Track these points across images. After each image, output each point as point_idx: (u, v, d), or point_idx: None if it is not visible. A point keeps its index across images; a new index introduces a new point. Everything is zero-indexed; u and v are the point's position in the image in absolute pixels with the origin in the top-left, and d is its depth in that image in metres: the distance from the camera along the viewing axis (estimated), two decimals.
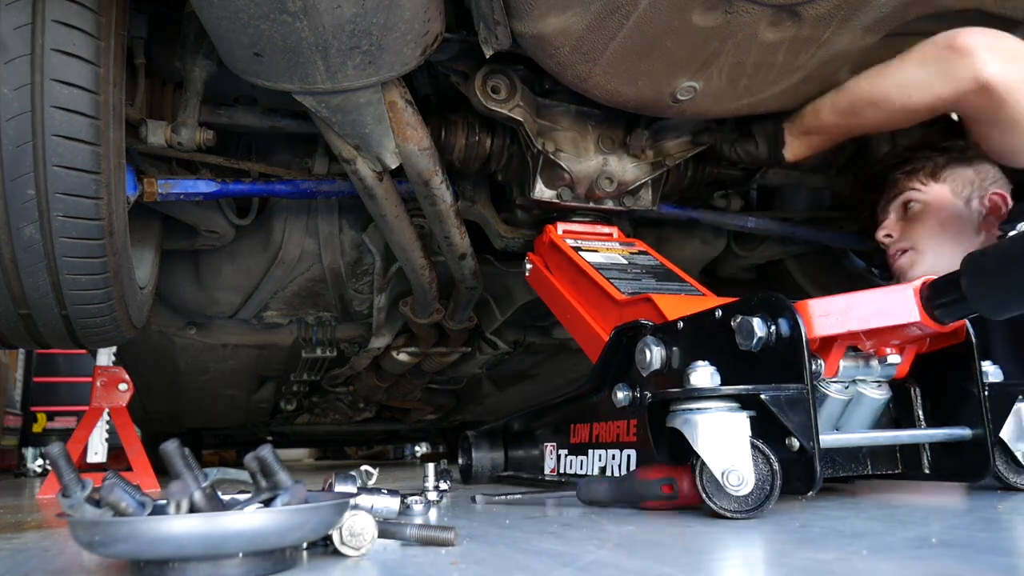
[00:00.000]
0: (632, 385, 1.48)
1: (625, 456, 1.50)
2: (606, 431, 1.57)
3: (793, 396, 1.11)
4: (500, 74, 1.76)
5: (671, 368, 1.37)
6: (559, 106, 1.88)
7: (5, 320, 1.55)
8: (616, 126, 1.94)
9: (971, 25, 1.59)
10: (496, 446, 2.04)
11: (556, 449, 1.77)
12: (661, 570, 0.78)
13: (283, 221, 2.24)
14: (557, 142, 1.89)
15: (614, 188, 1.93)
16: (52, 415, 5.82)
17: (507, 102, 1.78)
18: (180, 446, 0.87)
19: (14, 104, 1.29)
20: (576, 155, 1.90)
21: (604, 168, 1.94)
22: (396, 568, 0.86)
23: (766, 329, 1.17)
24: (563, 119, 1.90)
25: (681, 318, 1.37)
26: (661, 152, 1.99)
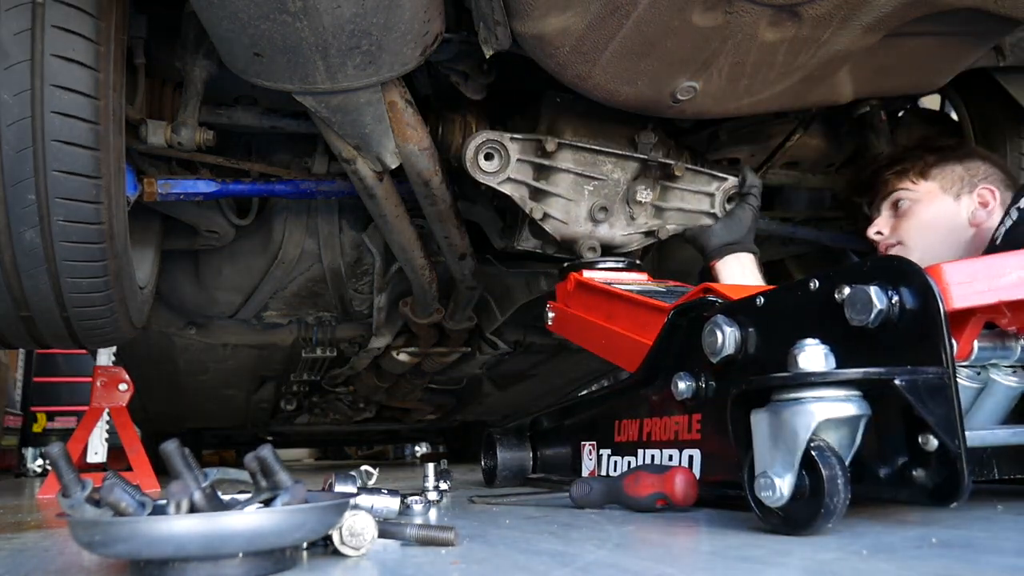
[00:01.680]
0: (696, 374, 1.30)
1: (686, 457, 1.33)
2: (661, 428, 1.41)
3: (933, 382, 0.91)
4: (495, 143, 1.75)
5: (747, 353, 1.19)
6: (559, 171, 1.82)
7: (6, 322, 1.55)
8: (615, 192, 1.87)
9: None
10: (523, 445, 1.90)
11: (596, 449, 1.62)
12: (661, 570, 0.78)
13: (283, 221, 2.24)
14: (549, 207, 1.83)
15: (597, 255, 1.89)
16: (52, 415, 5.82)
17: (497, 174, 1.76)
18: (180, 446, 0.87)
19: (14, 110, 1.29)
20: (566, 221, 1.85)
21: (592, 234, 1.88)
22: (396, 568, 0.86)
23: (887, 300, 0.97)
24: (561, 183, 1.83)
25: (761, 293, 1.18)
26: (661, 217, 1.94)
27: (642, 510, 1.25)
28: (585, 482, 1.36)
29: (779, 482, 0.93)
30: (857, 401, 0.94)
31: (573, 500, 1.37)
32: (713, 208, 1.93)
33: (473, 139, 1.74)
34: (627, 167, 1.86)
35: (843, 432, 0.95)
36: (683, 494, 1.20)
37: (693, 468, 1.30)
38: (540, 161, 1.79)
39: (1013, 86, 2.04)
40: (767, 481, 0.94)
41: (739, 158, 2.18)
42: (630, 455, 1.49)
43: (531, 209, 1.80)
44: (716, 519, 1.16)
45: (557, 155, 1.79)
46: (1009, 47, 1.89)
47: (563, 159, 1.80)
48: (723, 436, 1.22)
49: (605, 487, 1.32)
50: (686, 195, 1.92)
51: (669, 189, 1.91)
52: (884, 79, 1.77)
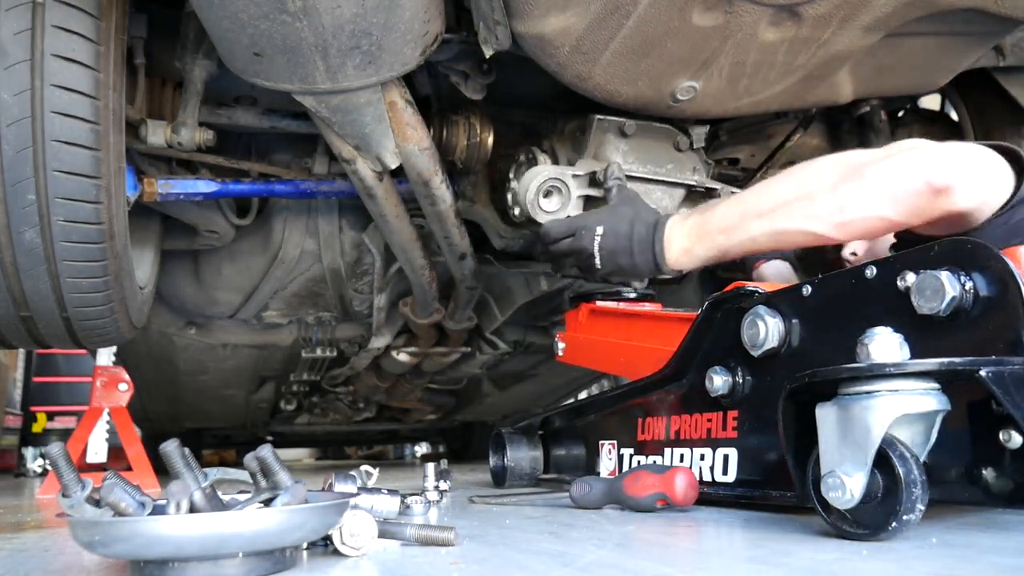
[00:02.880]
0: (731, 369, 1.24)
1: (720, 457, 1.27)
2: (691, 426, 1.35)
3: (1020, 373, 0.84)
4: (557, 181, 1.68)
5: (790, 346, 1.14)
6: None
7: (6, 322, 1.55)
8: (666, 211, 1.77)
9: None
10: (534, 444, 1.82)
11: (617, 448, 1.56)
12: (661, 570, 0.78)
13: (283, 221, 2.24)
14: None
15: (644, 283, 1.77)
16: (52, 415, 5.80)
17: (558, 213, 1.70)
18: (180, 446, 0.87)
19: (14, 110, 1.29)
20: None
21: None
22: (396, 568, 0.86)
23: (959, 286, 0.91)
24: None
25: (807, 281, 1.12)
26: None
27: (642, 510, 1.25)
28: (585, 482, 1.36)
29: (849, 482, 0.87)
30: (937, 395, 0.88)
31: (573, 500, 1.37)
32: None
33: (532, 177, 1.67)
34: (675, 194, 1.82)
35: (918, 428, 0.89)
36: (683, 494, 1.20)
37: (728, 467, 1.24)
38: (592, 192, 1.73)
39: (1013, 86, 2.04)
40: (835, 481, 0.88)
41: (739, 158, 2.18)
42: (656, 454, 1.43)
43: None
44: (716, 519, 1.16)
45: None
46: (1009, 47, 1.89)
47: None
48: (763, 434, 1.18)
49: (605, 487, 1.32)
50: None
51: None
52: (884, 79, 1.77)
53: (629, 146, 1.78)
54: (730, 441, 1.25)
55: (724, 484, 1.27)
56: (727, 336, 1.26)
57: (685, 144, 1.82)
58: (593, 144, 1.77)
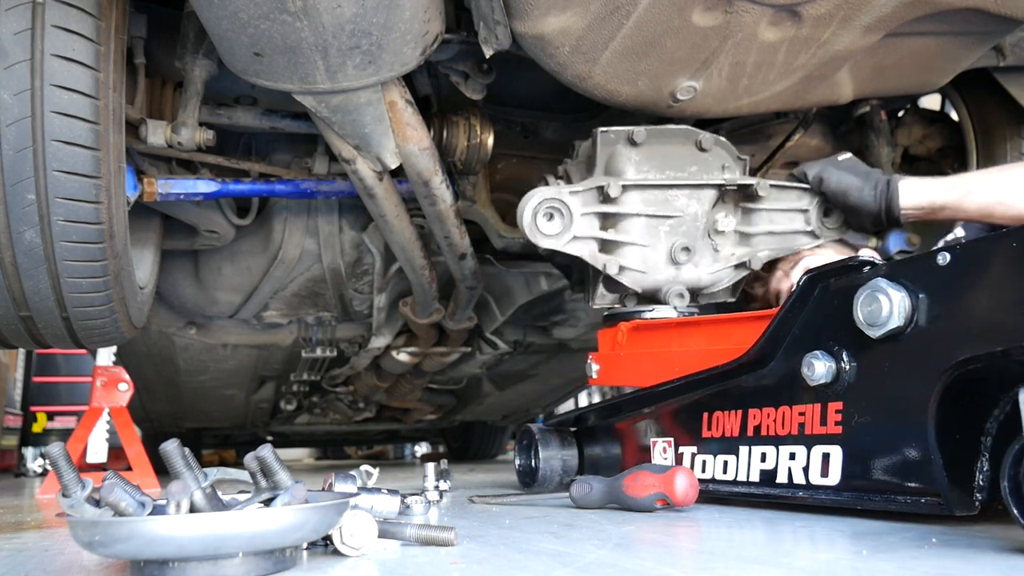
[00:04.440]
0: (835, 354, 1.10)
1: (818, 456, 1.11)
2: (777, 420, 1.20)
3: None
4: (555, 201, 1.58)
5: (916, 325, 0.99)
6: (628, 217, 1.65)
7: (6, 322, 1.55)
8: (694, 227, 1.68)
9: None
10: (568, 443, 1.69)
11: (674, 446, 1.42)
12: (661, 570, 0.78)
13: (283, 221, 2.24)
14: (623, 258, 1.65)
15: (685, 302, 1.68)
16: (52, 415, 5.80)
17: (561, 236, 1.60)
18: (180, 446, 0.87)
19: (14, 109, 1.29)
20: (644, 270, 1.66)
21: (676, 279, 1.68)
22: (396, 568, 0.86)
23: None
24: (633, 229, 1.65)
25: (944, 249, 0.97)
26: (749, 244, 1.74)
27: (642, 510, 1.25)
28: (585, 482, 1.36)
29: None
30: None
31: (573, 500, 1.37)
32: (809, 225, 1.72)
33: (527, 200, 1.58)
34: (703, 196, 1.68)
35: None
36: (683, 494, 1.20)
37: (829, 468, 1.09)
38: (605, 209, 1.63)
39: (1013, 86, 2.04)
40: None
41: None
42: (727, 453, 1.28)
43: (604, 264, 1.63)
44: (716, 519, 1.16)
45: (623, 199, 1.63)
46: (1009, 47, 1.89)
47: (630, 203, 1.64)
48: (882, 429, 1.04)
49: (605, 487, 1.32)
50: (775, 216, 1.72)
51: (753, 212, 1.72)
52: (884, 79, 1.77)
53: (642, 155, 1.66)
54: (832, 437, 1.09)
55: (823, 488, 1.11)
56: (830, 315, 1.11)
57: (709, 142, 1.70)
58: (602, 158, 1.67)
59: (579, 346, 3.13)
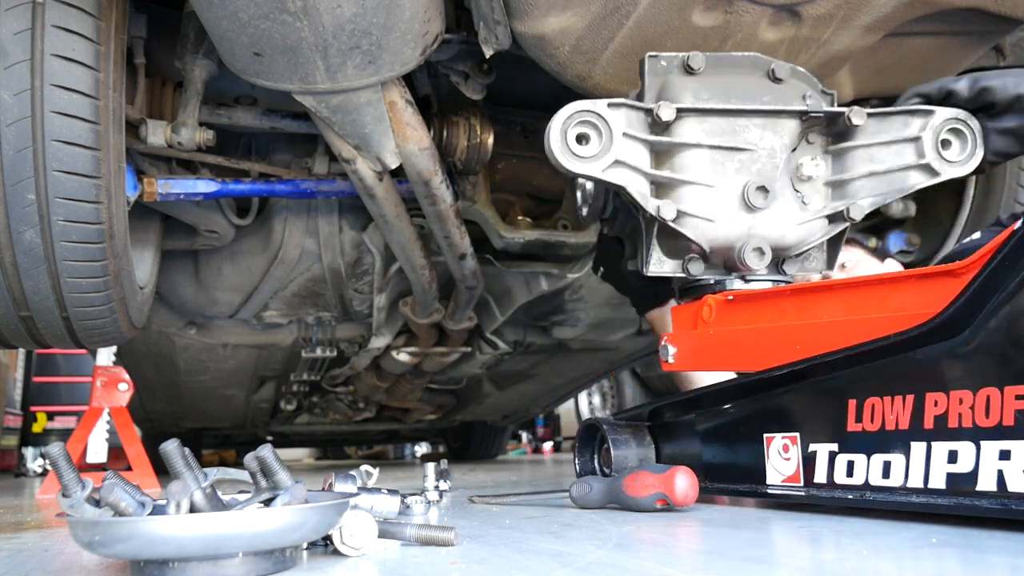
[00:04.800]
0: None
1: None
2: (977, 408, 0.92)
3: None
4: (589, 114, 1.28)
5: None
6: (687, 148, 1.33)
7: (6, 322, 1.56)
8: (771, 165, 1.35)
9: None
10: (643, 440, 1.47)
11: (802, 443, 1.15)
12: (661, 570, 0.78)
13: (283, 221, 2.25)
14: (682, 201, 1.33)
15: (765, 260, 1.34)
16: (52, 415, 5.81)
17: (598, 159, 1.27)
18: (180, 446, 0.87)
19: (14, 109, 1.29)
20: (712, 218, 1.33)
21: (753, 231, 1.35)
22: (396, 568, 0.86)
23: None
24: (692, 164, 1.33)
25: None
26: (846, 194, 1.39)
27: (642, 510, 1.25)
28: (585, 482, 1.36)
29: None
30: None
31: (573, 500, 1.37)
32: (924, 158, 1.36)
33: (556, 116, 1.27)
34: (781, 128, 1.36)
35: None
36: (683, 494, 1.20)
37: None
38: (657, 138, 1.32)
39: None
40: None
41: None
42: (889, 451, 1.02)
43: (658, 208, 1.30)
44: (716, 519, 1.16)
45: (678, 127, 1.33)
46: (1009, 47, 1.89)
47: (688, 132, 1.33)
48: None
49: (605, 487, 1.32)
50: (876, 152, 1.38)
51: (847, 152, 1.38)
52: (884, 79, 1.77)
53: (701, 84, 1.36)
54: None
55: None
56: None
57: (785, 71, 1.39)
58: (651, 90, 1.37)
59: (579, 346, 3.14)
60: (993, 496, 0.90)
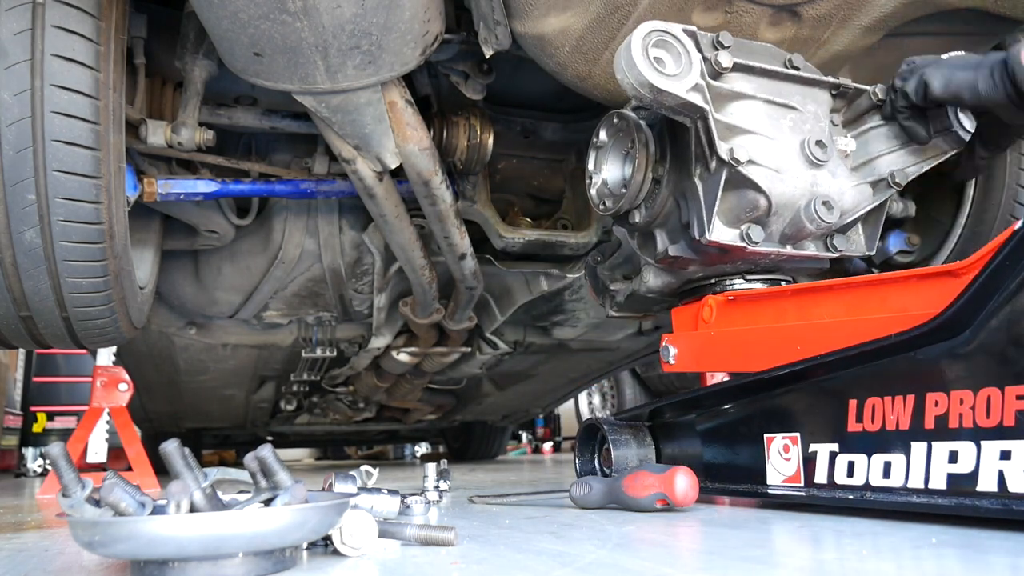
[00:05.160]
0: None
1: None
2: (977, 408, 0.92)
3: None
4: (666, 34, 1.22)
5: None
6: (746, 98, 1.32)
7: (6, 322, 1.56)
8: (818, 127, 1.36)
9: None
10: (643, 440, 1.49)
11: (802, 443, 1.15)
12: (661, 570, 0.78)
13: (283, 221, 2.25)
14: (746, 146, 1.29)
15: (835, 218, 1.31)
16: (52, 415, 5.81)
17: (680, 78, 1.21)
18: (180, 446, 0.87)
19: (14, 109, 1.29)
20: (777, 167, 1.29)
21: (815, 187, 1.33)
22: (396, 568, 0.86)
23: None
24: (752, 114, 1.31)
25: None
26: (876, 168, 1.40)
27: (642, 510, 1.25)
28: (585, 482, 1.36)
29: None
30: None
31: (573, 500, 1.37)
32: (949, 126, 1.42)
33: (634, 35, 1.21)
34: (818, 98, 1.39)
35: None
36: (683, 494, 1.20)
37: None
38: (719, 85, 1.29)
39: None
40: None
41: None
42: (889, 451, 1.02)
43: (730, 151, 1.26)
44: (716, 519, 1.16)
45: (732, 78, 1.32)
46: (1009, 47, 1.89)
47: (741, 84, 1.33)
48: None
49: (605, 487, 1.32)
50: (900, 127, 1.43)
51: (872, 131, 1.43)
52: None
53: (734, 56, 1.34)
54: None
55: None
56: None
57: (800, 61, 1.42)
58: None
59: (579, 346, 3.14)
60: (994, 496, 0.90)
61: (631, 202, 1.41)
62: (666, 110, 1.26)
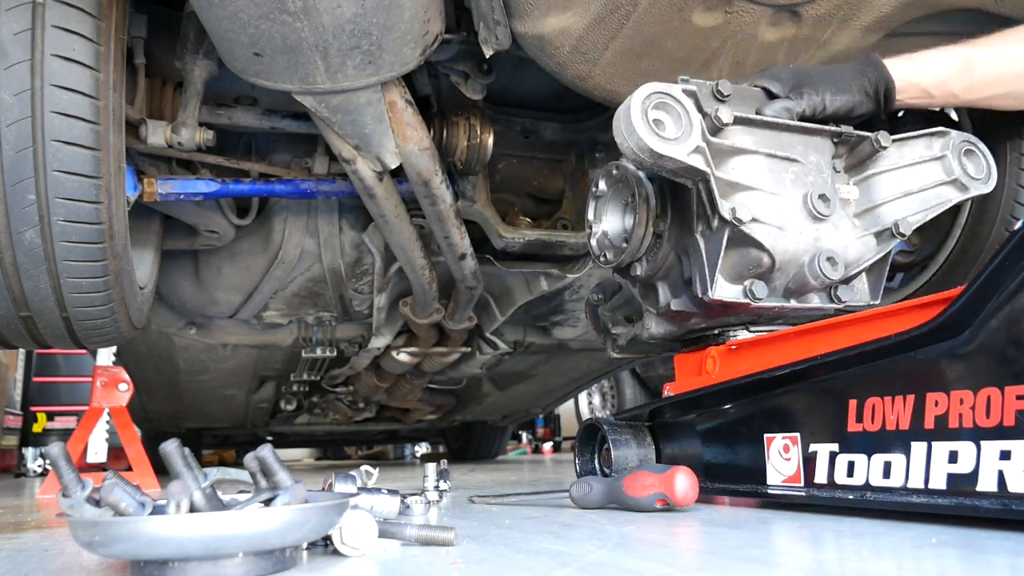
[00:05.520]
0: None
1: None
2: (979, 407, 0.92)
3: None
4: (666, 96, 1.21)
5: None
6: (747, 153, 1.29)
7: (6, 322, 1.56)
8: (821, 180, 1.33)
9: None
10: (643, 440, 1.48)
11: (802, 443, 1.15)
12: (661, 570, 0.78)
13: (283, 221, 2.25)
14: (748, 204, 1.26)
15: (839, 273, 1.30)
16: (52, 415, 5.82)
17: (680, 142, 1.20)
18: (180, 446, 0.87)
19: (14, 109, 1.30)
20: (780, 224, 1.27)
21: (819, 243, 1.30)
22: (396, 568, 0.86)
23: None
24: (753, 170, 1.29)
25: None
26: (880, 217, 1.39)
27: (642, 510, 1.25)
28: (585, 482, 1.36)
29: None
30: None
31: (573, 500, 1.37)
32: (952, 174, 1.41)
33: (632, 97, 1.19)
34: (820, 147, 1.36)
35: None
36: (683, 494, 1.20)
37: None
38: (719, 141, 1.26)
39: None
40: None
41: None
42: (889, 451, 1.01)
43: (732, 210, 1.24)
44: (716, 519, 1.16)
45: (733, 134, 1.29)
46: None
47: (741, 140, 1.30)
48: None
49: (605, 487, 1.32)
50: (903, 173, 1.41)
51: (873, 177, 1.40)
52: None
53: (733, 108, 1.31)
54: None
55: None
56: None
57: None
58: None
59: (579, 346, 3.14)
60: (994, 496, 0.90)
61: (632, 256, 1.39)
62: (667, 172, 1.25)
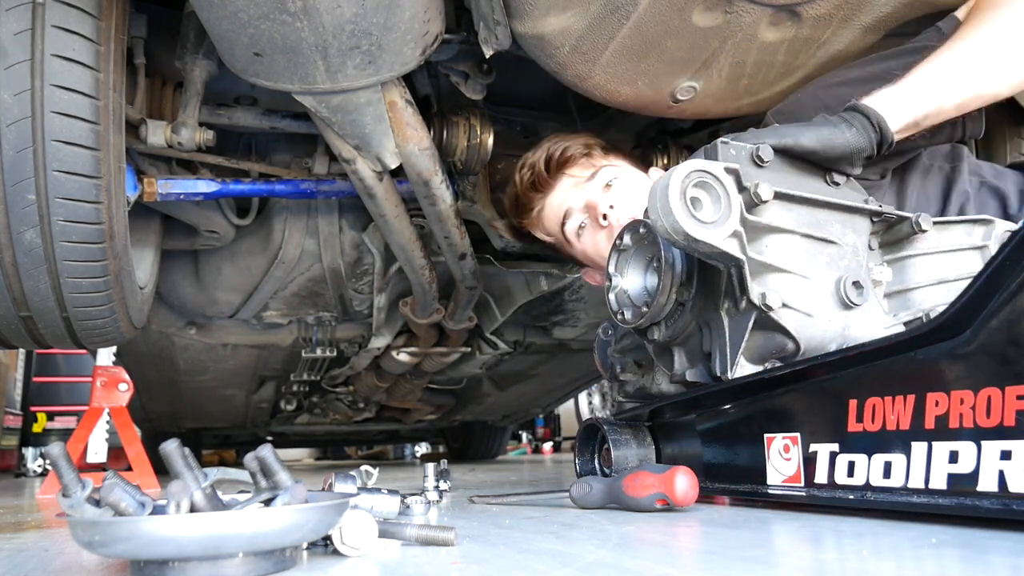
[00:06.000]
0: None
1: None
2: (979, 407, 0.91)
3: None
4: (707, 175, 1.12)
5: None
6: (781, 232, 1.21)
7: (6, 322, 1.56)
8: (856, 263, 1.26)
9: None
10: (644, 440, 1.47)
11: (802, 444, 1.14)
12: (661, 570, 0.78)
13: (283, 221, 2.25)
14: (779, 289, 1.19)
15: None
16: (52, 415, 5.82)
17: (719, 226, 1.12)
18: (180, 446, 0.87)
19: (14, 110, 1.30)
20: (809, 311, 1.20)
21: (846, 332, 1.23)
22: (396, 568, 0.86)
23: None
24: (787, 251, 1.22)
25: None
26: (910, 301, 1.32)
27: (642, 510, 1.25)
28: (585, 482, 1.36)
29: None
30: None
31: (573, 500, 1.37)
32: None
33: (672, 175, 1.11)
34: (858, 226, 1.29)
35: None
36: (683, 494, 1.20)
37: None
38: (755, 219, 1.18)
39: None
40: None
41: None
42: (890, 451, 1.01)
43: (762, 296, 1.17)
44: (716, 519, 1.16)
45: (765, 211, 1.21)
46: None
47: (777, 217, 1.22)
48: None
49: (605, 487, 1.32)
50: (939, 259, 1.33)
51: (908, 260, 1.33)
52: None
53: (772, 176, 1.25)
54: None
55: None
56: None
57: (840, 177, 1.32)
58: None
59: (579, 346, 3.14)
60: (994, 496, 0.90)
61: (652, 320, 1.33)
62: (700, 255, 1.18)
